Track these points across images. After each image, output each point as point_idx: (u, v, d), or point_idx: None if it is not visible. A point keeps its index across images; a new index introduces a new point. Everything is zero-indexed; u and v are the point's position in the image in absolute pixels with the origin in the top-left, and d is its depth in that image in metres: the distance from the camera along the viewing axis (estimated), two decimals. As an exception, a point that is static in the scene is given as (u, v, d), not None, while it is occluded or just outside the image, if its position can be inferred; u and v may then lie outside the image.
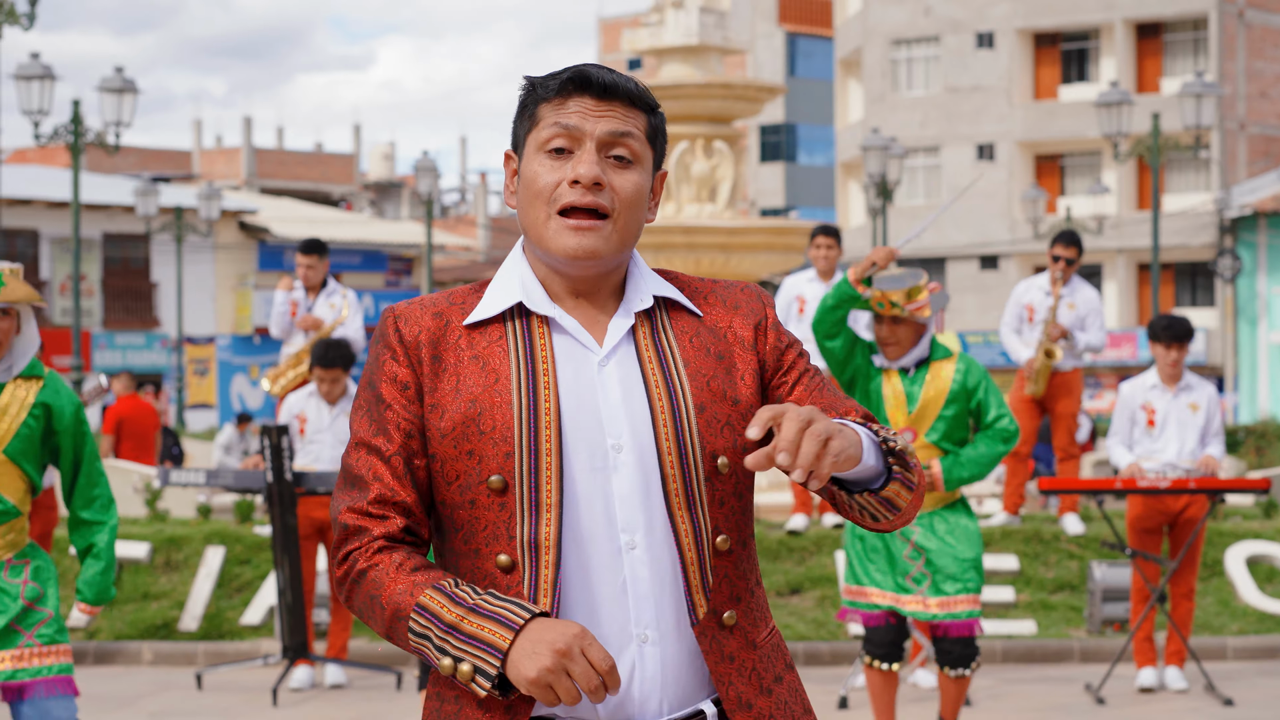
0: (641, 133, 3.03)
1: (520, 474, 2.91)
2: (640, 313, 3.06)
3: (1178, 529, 10.94)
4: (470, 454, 2.94)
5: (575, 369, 2.99)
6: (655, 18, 22.99)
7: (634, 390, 2.99)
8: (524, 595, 2.90)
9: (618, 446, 2.95)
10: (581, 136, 2.98)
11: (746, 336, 3.11)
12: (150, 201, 36.22)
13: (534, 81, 3.06)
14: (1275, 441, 22.50)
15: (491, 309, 3.03)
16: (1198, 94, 26.54)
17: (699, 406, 2.99)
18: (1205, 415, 10.86)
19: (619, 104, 3.01)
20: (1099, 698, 10.71)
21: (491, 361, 2.98)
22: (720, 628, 2.99)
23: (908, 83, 52.16)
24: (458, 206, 79.26)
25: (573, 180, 2.96)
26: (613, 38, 73.51)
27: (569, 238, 2.97)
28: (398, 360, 3.01)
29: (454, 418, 2.95)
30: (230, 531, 13.35)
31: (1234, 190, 45.43)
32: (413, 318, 3.03)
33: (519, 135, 3.08)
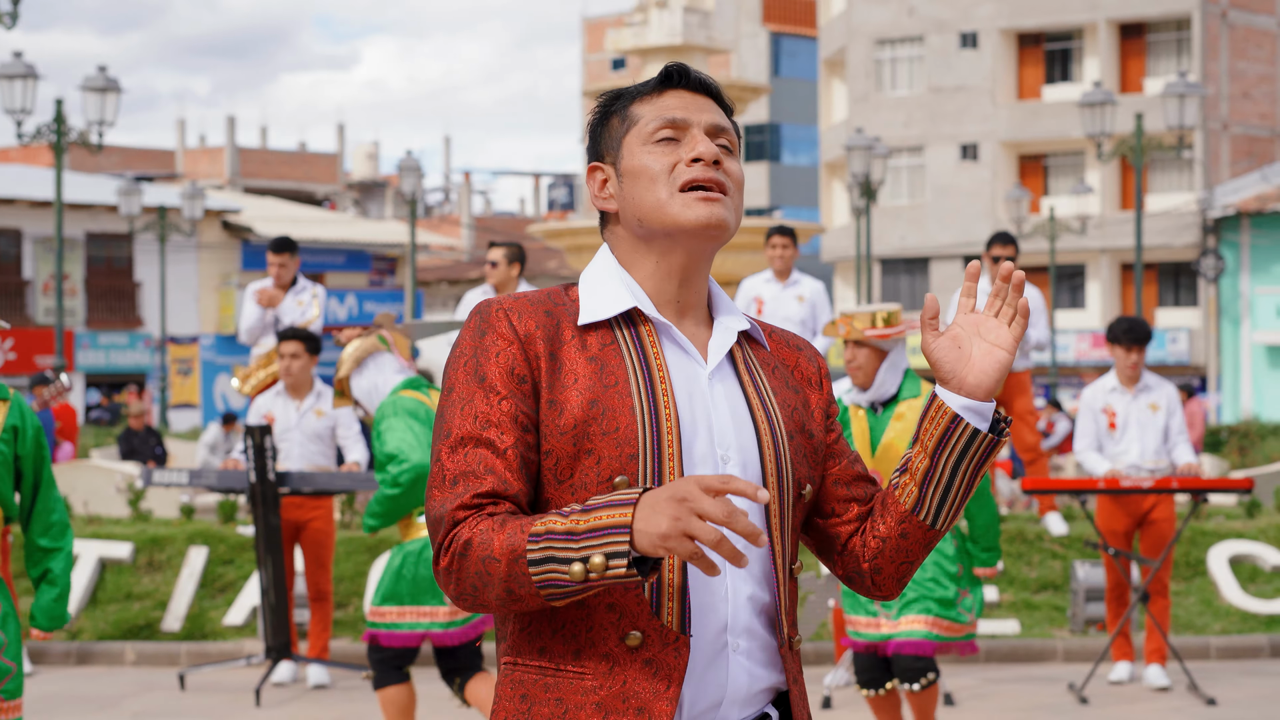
0: (731, 126, 3.08)
1: (645, 476, 2.88)
2: (743, 330, 3.08)
3: (1145, 529, 11.01)
4: (590, 453, 2.88)
5: (688, 379, 2.98)
6: (639, 17, 23.03)
7: (738, 409, 2.99)
8: (646, 600, 2.86)
9: (725, 459, 2.94)
10: (688, 125, 3.01)
11: (813, 378, 3.16)
12: (133, 201, 36.17)
13: (615, 92, 3.11)
14: (1258, 441, 22.55)
15: (604, 311, 2.98)
16: (1181, 94, 26.59)
17: (790, 434, 3.03)
18: (1165, 414, 10.94)
19: (710, 99, 3.07)
20: (1082, 697, 10.74)
21: (609, 364, 2.93)
22: (791, 650, 3.03)
23: (891, 82, 52.20)
24: (441, 206, 79.21)
25: (693, 159, 2.98)
26: (597, 37, 73.50)
27: (700, 208, 2.96)
28: (514, 353, 2.92)
29: (575, 415, 2.89)
30: (213, 532, 13.33)
31: (1217, 190, 45.53)
32: (525, 312, 2.95)
33: (611, 140, 3.07)
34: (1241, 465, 20.89)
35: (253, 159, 67.72)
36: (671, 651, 2.85)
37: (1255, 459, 21.15)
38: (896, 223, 50.94)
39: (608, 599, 2.86)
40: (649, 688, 2.85)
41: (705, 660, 2.90)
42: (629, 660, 2.86)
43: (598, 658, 2.87)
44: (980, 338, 2.99)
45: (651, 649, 2.86)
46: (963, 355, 2.98)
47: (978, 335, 2.99)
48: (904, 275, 51.61)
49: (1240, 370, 45.43)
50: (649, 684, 2.85)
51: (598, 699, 2.86)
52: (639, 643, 2.85)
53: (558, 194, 77.87)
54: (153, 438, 24.26)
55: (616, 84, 20.37)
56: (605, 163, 3.08)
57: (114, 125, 24.88)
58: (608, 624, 2.87)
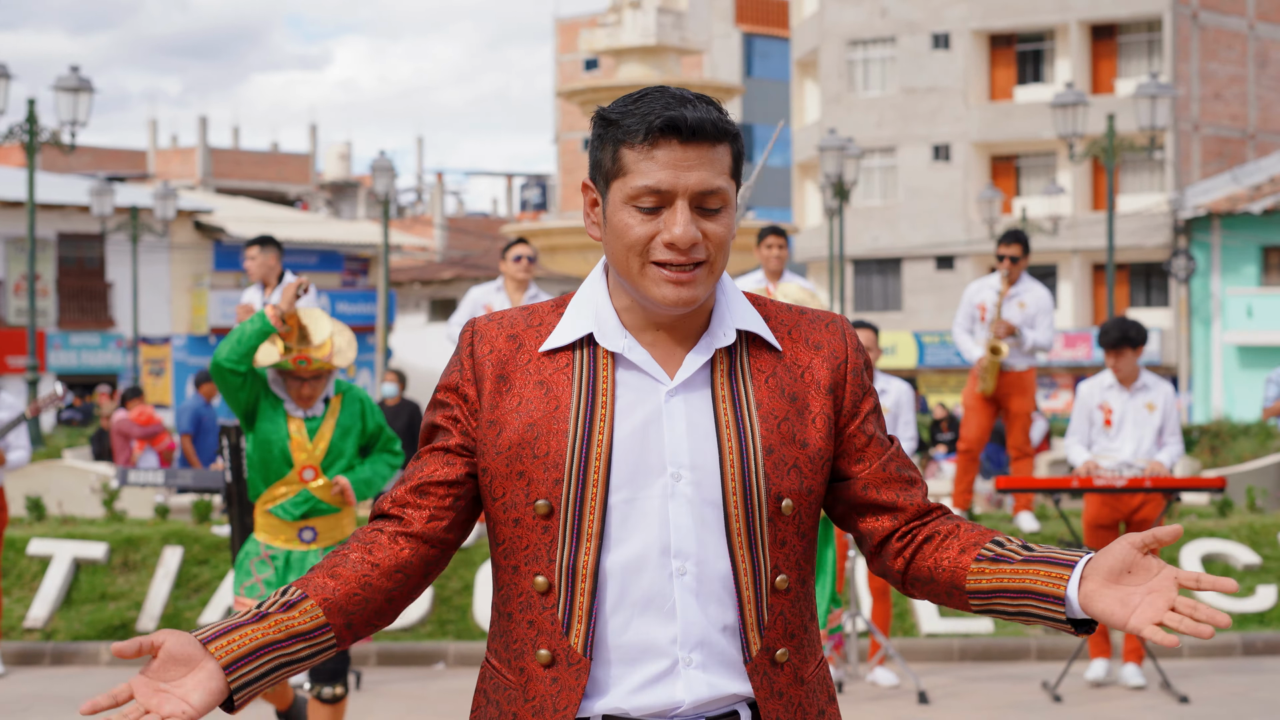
0: (726, 172, 2.98)
1: (566, 502, 2.95)
2: (720, 349, 3.06)
3: (1132, 527, 11.05)
4: (520, 475, 2.98)
5: (641, 401, 3.00)
6: (613, 18, 23.04)
7: (701, 425, 3.00)
8: (559, 620, 2.96)
9: (677, 476, 2.96)
10: (673, 195, 2.94)
11: (824, 380, 3.10)
12: (105, 201, 36.10)
13: (609, 116, 2.99)
14: (1229, 441, 22.61)
15: (564, 338, 3.04)
16: (1152, 95, 26.68)
17: (767, 448, 3.00)
18: (1162, 414, 11.00)
19: (705, 144, 2.94)
20: (1055, 695, 10.78)
21: (555, 388, 3.01)
22: (772, 664, 3.03)
23: (864, 83, 52.27)
24: (414, 206, 79.12)
25: (668, 242, 2.93)
26: (570, 38, 73.48)
27: (668, 289, 2.95)
28: (462, 373, 3.09)
29: (511, 437, 2.99)
30: (188, 532, 13.32)
31: (1188, 191, 45.67)
32: (489, 336, 3.09)
33: (600, 171, 3.02)
34: (1213, 465, 20.96)
35: (225, 159, 67.59)
36: (574, 673, 2.95)
37: (1226, 458, 21.22)
38: (869, 223, 51.02)
39: (529, 615, 3.00)
40: (552, 704, 2.96)
41: (654, 673, 2.97)
42: (541, 676, 2.98)
43: (517, 670, 3.02)
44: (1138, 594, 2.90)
45: (558, 668, 2.97)
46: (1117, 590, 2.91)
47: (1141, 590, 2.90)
48: (876, 275, 51.68)
49: (1211, 370, 45.59)
50: (552, 701, 2.97)
51: (515, 709, 3.01)
52: (548, 661, 2.97)
53: (530, 194, 77.82)
54: (126, 438, 24.18)
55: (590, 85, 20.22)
56: (595, 186, 3.06)
57: (86, 125, 24.83)
58: (527, 639, 3.00)
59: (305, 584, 3.00)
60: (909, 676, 11.05)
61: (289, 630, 2.95)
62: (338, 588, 3.01)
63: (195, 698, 2.83)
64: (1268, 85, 50.63)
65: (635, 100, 2.98)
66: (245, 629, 2.91)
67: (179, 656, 2.84)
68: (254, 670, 2.90)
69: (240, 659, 2.89)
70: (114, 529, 13.46)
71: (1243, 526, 13.52)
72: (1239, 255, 45.11)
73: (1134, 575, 2.90)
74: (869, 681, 11.14)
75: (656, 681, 2.96)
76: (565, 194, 73.04)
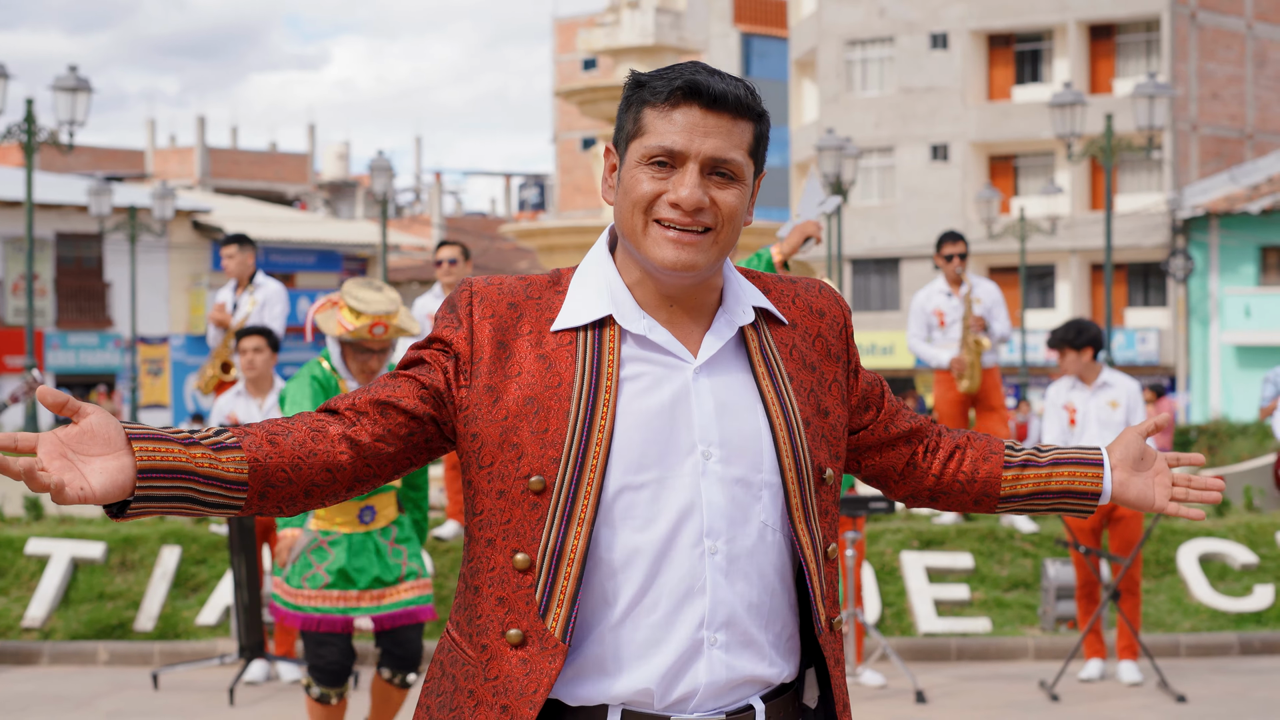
0: (745, 148, 2.98)
1: (561, 482, 2.90)
2: (745, 326, 3.06)
3: (1113, 525, 11.10)
4: (514, 447, 2.93)
5: (664, 379, 2.97)
6: (611, 18, 23.04)
7: (734, 401, 2.99)
8: (536, 601, 2.91)
9: (708, 454, 2.94)
10: (685, 157, 2.93)
11: (835, 346, 3.16)
12: (104, 201, 36.08)
13: (640, 79, 2.99)
14: (1227, 441, 22.64)
15: (580, 318, 3.00)
16: (1150, 95, 26.68)
17: (805, 420, 3.03)
18: (1125, 411, 11.08)
19: (726, 115, 2.95)
20: (1053, 694, 10.78)
21: (558, 364, 2.96)
22: (831, 632, 3.06)
23: (862, 83, 52.27)
24: (412, 206, 79.12)
25: (673, 202, 2.93)
26: (568, 38, 73.50)
27: (668, 249, 2.93)
28: (458, 330, 3.01)
29: (508, 407, 2.94)
30: (186, 531, 13.32)
31: (1186, 191, 45.68)
32: (489, 300, 3.02)
33: (622, 134, 3.01)
34: (1211, 465, 20.97)
35: (223, 159, 67.59)
36: (548, 656, 2.89)
37: (1224, 458, 21.23)
38: (867, 223, 51.03)
39: (499, 592, 2.94)
40: (518, 687, 2.90)
41: (682, 655, 2.92)
42: (506, 655, 2.92)
43: (479, 646, 2.96)
44: (1150, 478, 3.31)
45: (530, 649, 2.90)
46: (1139, 477, 3.30)
47: (1150, 474, 3.31)
48: (874, 275, 51.69)
49: (1209, 370, 45.60)
50: (519, 683, 2.90)
51: (472, 687, 2.95)
52: (519, 640, 2.90)
53: (528, 194, 77.87)
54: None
55: (588, 85, 20.16)
56: (616, 149, 3.05)
57: (84, 125, 24.82)
58: (495, 616, 2.94)
59: (243, 436, 2.86)
60: (906, 676, 11.05)
61: (212, 471, 2.80)
62: (271, 454, 2.88)
63: (96, 481, 2.69)
64: (1266, 85, 50.64)
65: (669, 68, 2.98)
66: (173, 445, 2.76)
67: (100, 435, 2.70)
68: (163, 489, 2.75)
69: (157, 471, 2.74)
70: (112, 528, 13.46)
71: (1240, 526, 13.54)
72: (1237, 255, 45.12)
73: (1144, 461, 3.28)
74: (859, 683, 11.14)
75: (681, 664, 2.92)
76: (563, 194, 73.05)
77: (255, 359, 11.05)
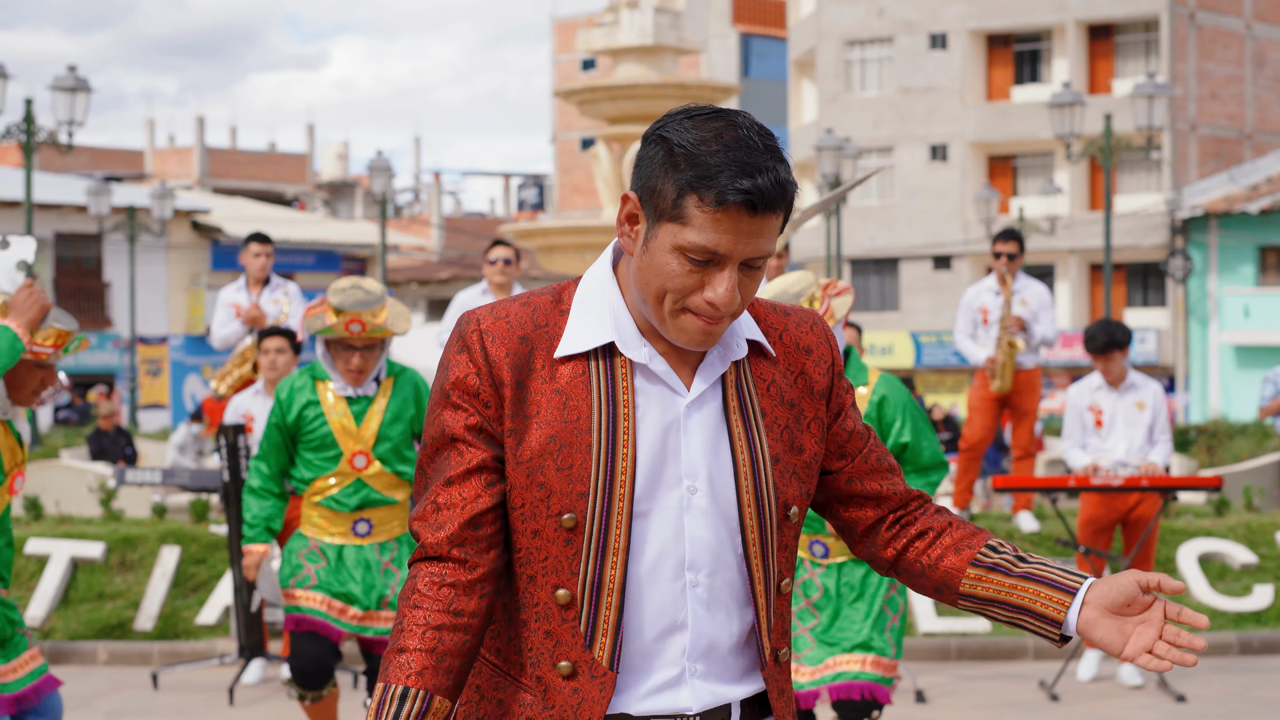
0: (777, 232, 2.93)
1: (592, 516, 2.92)
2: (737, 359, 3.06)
3: (1129, 527, 11.08)
4: (542, 486, 2.94)
5: (660, 411, 2.98)
6: (610, 18, 23.05)
7: (715, 437, 3.00)
8: (581, 633, 2.95)
9: (693, 489, 2.97)
10: (727, 260, 2.87)
11: (818, 384, 3.13)
12: (103, 201, 36.07)
13: (679, 155, 2.86)
14: (1226, 440, 22.61)
15: (582, 344, 2.98)
16: (1149, 95, 26.69)
17: (774, 458, 3.03)
18: (1152, 413, 11.04)
19: (770, 214, 2.87)
20: (1052, 694, 10.78)
21: (574, 398, 2.96)
22: (777, 664, 3.09)
23: (861, 83, 52.28)
24: (411, 206, 79.11)
25: (710, 300, 2.88)
26: (567, 38, 73.48)
27: (695, 336, 2.92)
28: (480, 375, 2.98)
29: (532, 448, 2.94)
30: (185, 531, 13.32)
31: (1185, 191, 45.69)
32: (500, 337, 2.98)
33: (653, 200, 2.90)
34: (1210, 464, 20.96)
35: (222, 159, 67.60)
36: (598, 685, 2.94)
37: (1223, 458, 21.22)
38: (866, 223, 51.02)
39: (546, 626, 2.97)
40: (574, 715, 2.95)
41: (665, 683, 2.99)
42: (560, 686, 2.96)
43: (534, 678, 2.99)
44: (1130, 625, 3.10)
45: (580, 679, 2.95)
46: (1113, 620, 3.08)
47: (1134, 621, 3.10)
48: (874, 275, 51.69)
49: (1208, 370, 45.61)
50: (574, 712, 2.95)
51: (530, 714, 2.99)
52: (569, 672, 2.95)
53: (527, 194, 77.85)
54: (122, 438, 24.20)
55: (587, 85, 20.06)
56: (642, 207, 2.93)
57: (83, 125, 24.82)
58: (544, 650, 2.97)
59: (422, 680, 2.93)
60: (906, 675, 11.05)
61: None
62: (451, 669, 2.95)
63: None
64: (1265, 85, 50.65)
65: (705, 137, 2.85)
66: None
67: None
68: None
69: None
70: (111, 528, 13.46)
71: (1240, 526, 13.54)
72: (1236, 255, 45.13)
73: (1131, 607, 3.07)
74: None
75: (662, 690, 2.99)
76: (562, 194, 73.04)
77: (278, 359, 11.02)
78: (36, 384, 5.94)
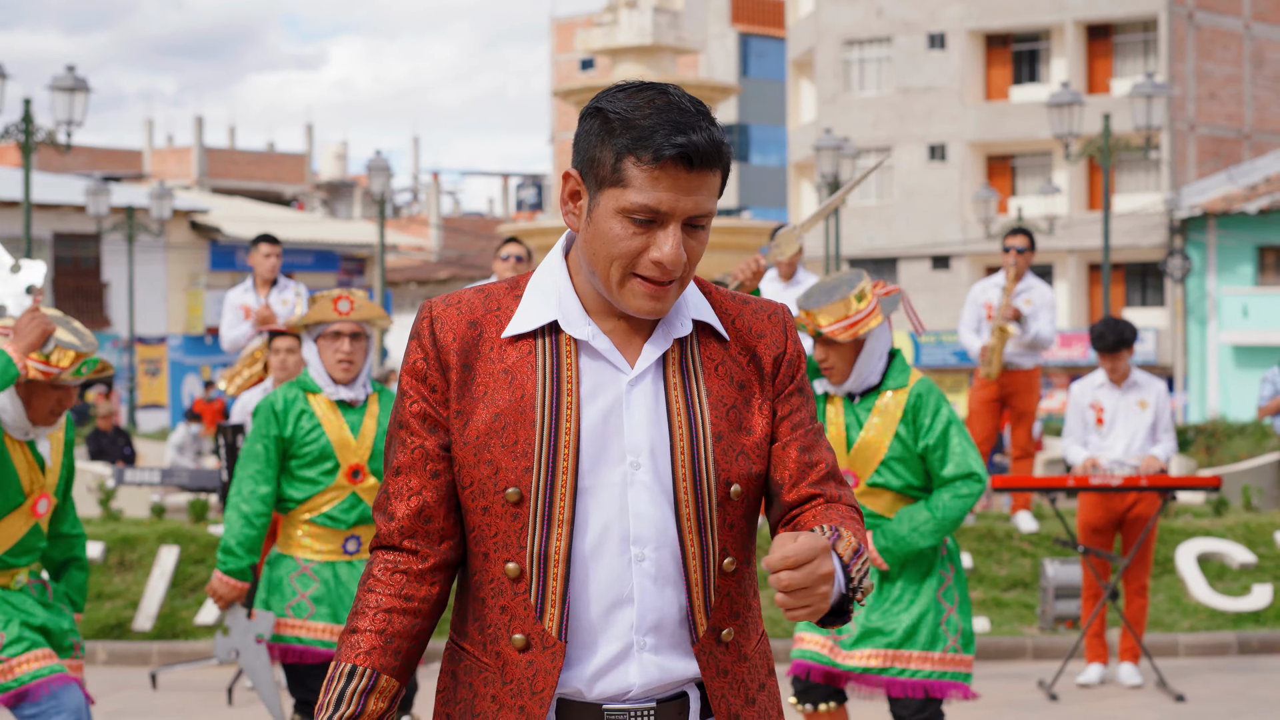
0: (717, 193, 3.04)
1: (536, 489, 3.02)
2: (679, 337, 3.12)
3: (1127, 526, 11.07)
4: (489, 463, 3.04)
5: (603, 388, 3.07)
6: (609, 18, 23.05)
7: (657, 414, 3.07)
8: (531, 605, 3.04)
9: (636, 464, 3.04)
10: (669, 218, 2.97)
11: (767, 369, 3.18)
12: (101, 201, 36.06)
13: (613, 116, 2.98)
14: (1225, 440, 22.61)
15: (527, 324, 3.08)
16: (1148, 95, 26.69)
17: (716, 435, 3.08)
18: (1154, 412, 11.02)
19: (707, 171, 2.98)
20: (1052, 694, 10.79)
21: (519, 376, 3.06)
22: (718, 643, 3.12)
23: (860, 83, 52.28)
24: (410, 206, 79.12)
25: (656, 260, 2.97)
26: (566, 37, 73.49)
27: (645, 301, 3.02)
28: (428, 360, 3.11)
29: (478, 428, 3.05)
30: (184, 531, 13.32)
31: (1184, 191, 45.68)
32: (449, 322, 3.11)
33: (593, 170, 3.01)
34: (1209, 464, 20.96)
35: (220, 159, 67.59)
36: (549, 655, 3.04)
37: (1222, 458, 21.22)
38: (865, 223, 51.02)
39: (501, 601, 3.07)
40: (529, 687, 3.05)
41: (610, 657, 3.06)
42: (516, 660, 3.06)
43: (493, 654, 3.10)
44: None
45: (534, 652, 3.05)
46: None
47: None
48: (872, 275, 51.63)
49: (1207, 370, 45.61)
50: (529, 684, 3.05)
51: (493, 691, 3.09)
52: (524, 645, 3.05)
53: (526, 194, 77.82)
54: (121, 438, 24.21)
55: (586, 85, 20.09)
56: (583, 180, 3.04)
57: (82, 125, 24.81)
58: (500, 625, 3.08)
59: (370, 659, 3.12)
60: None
61: (382, 709, 3.13)
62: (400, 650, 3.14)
63: None
64: (1264, 85, 50.65)
65: (637, 105, 2.97)
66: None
67: None
68: None
69: None
70: (110, 528, 13.46)
71: (1238, 525, 13.54)
72: (1235, 255, 45.13)
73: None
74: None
75: (612, 666, 3.05)
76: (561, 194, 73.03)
77: (288, 360, 11.00)
78: (53, 404, 5.98)
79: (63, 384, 5.97)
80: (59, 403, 5.98)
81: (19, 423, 5.95)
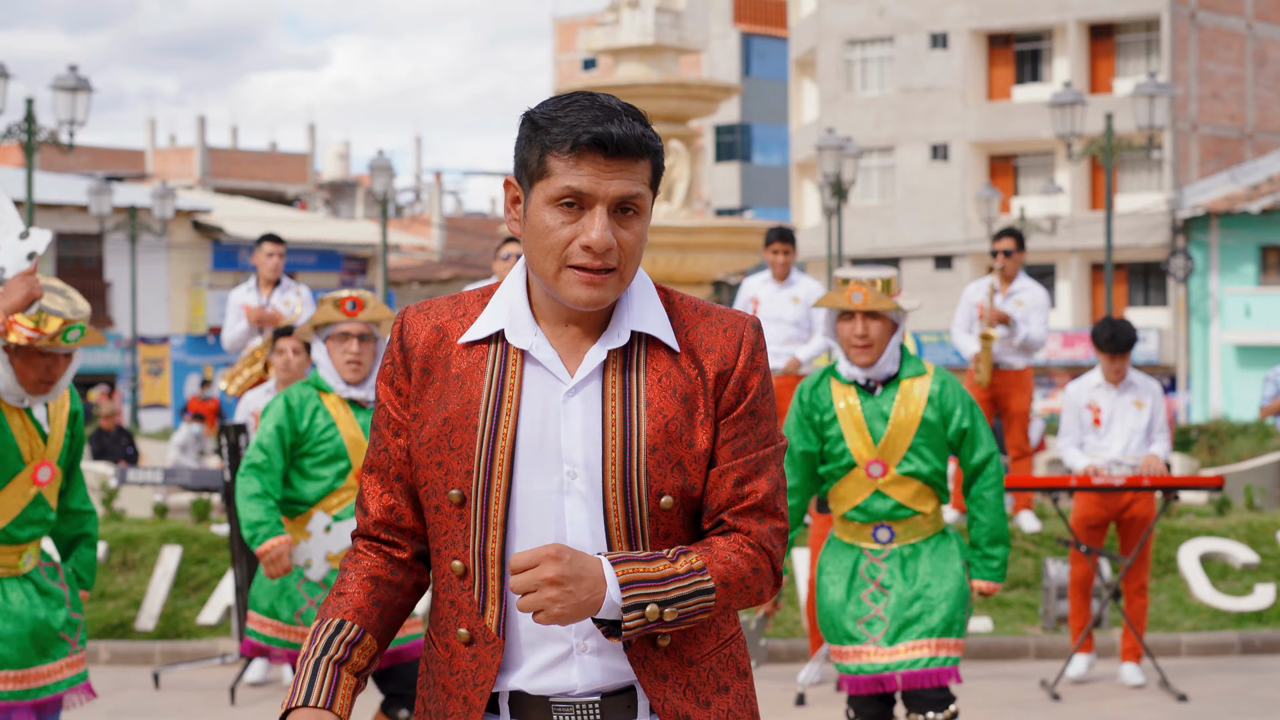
0: (646, 182, 3.11)
1: (476, 492, 3.12)
2: (616, 348, 3.16)
3: (1123, 525, 11.07)
4: (439, 465, 3.16)
5: (544, 397, 3.14)
6: (611, 17, 23.04)
7: (593, 424, 3.13)
8: (474, 600, 3.16)
9: (573, 474, 3.11)
10: (594, 200, 3.05)
11: (711, 383, 3.19)
12: (104, 201, 36.08)
13: (537, 120, 3.10)
14: (1227, 440, 22.61)
15: (480, 332, 3.18)
16: (1150, 94, 26.68)
17: (651, 447, 3.12)
18: (1150, 412, 11.00)
19: (628, 158, 3.06)
20: (1054, 693, 10.78)
21: (469, 383, 3.16)
22: (654, 649, 3.16)
23: (862, 83, 52.27)
24: (412, 206, 79.13)
25: (585, 245, 3.05)
26: (568, 37, 73.48)
27: (581, 290, 3.07)
28: (395, 366, 3.25)
29: (431, 430, 3.17)
30: (187, 531, 13.33)
31: (1186, 190, 45.68)
32: (415, 327, 3.24)
33: (525, 171, 3.12)
34: (1211, 464, 20.96)
35: (223, 159, 67.57)
36: (490, 650, 3.16)
37: (1225, 457, 21.22)
38: (867, 222, 51.02)
39: (450, 596, 3.20)
40: (471, 679, 3.18)
41: (553, 657, 3.14)
42: (463, 652, 3.19)
43: (444, 645, 3.23)
44: None
45: (477, 646, 3.17)
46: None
47: None
48: (875, 275, 51.58)
49: (1209, 370, 45.60)
50: (471, 676, 3.18)
51: (444, 681, 3.22)
52: (468, 639, 3.18)
53: (528, 194, 77.72)
54: (124, 438, 24.20)
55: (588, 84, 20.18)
56: (519, 182, 3.16)
57: (84, 125, 24.81)
58: (450, 618, 3.20)
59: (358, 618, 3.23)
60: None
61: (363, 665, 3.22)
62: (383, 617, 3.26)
63: None
64: (1266, 85, 50.64)
65: (564, 107, 3.07)
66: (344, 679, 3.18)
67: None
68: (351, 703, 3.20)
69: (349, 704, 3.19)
70: (113, 528, 13.47)
71: (1241, 525, 13.54)
72: (1237, 255, 45.13)
73: None
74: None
75: (555, 665, 3.14)
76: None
77: (292, 360, 10.98)
78: (42, 371, 5.94)
79: (50, 351, 5.94)
80: (48, 370, 5.94)
81: (12, 388, 5.93)
